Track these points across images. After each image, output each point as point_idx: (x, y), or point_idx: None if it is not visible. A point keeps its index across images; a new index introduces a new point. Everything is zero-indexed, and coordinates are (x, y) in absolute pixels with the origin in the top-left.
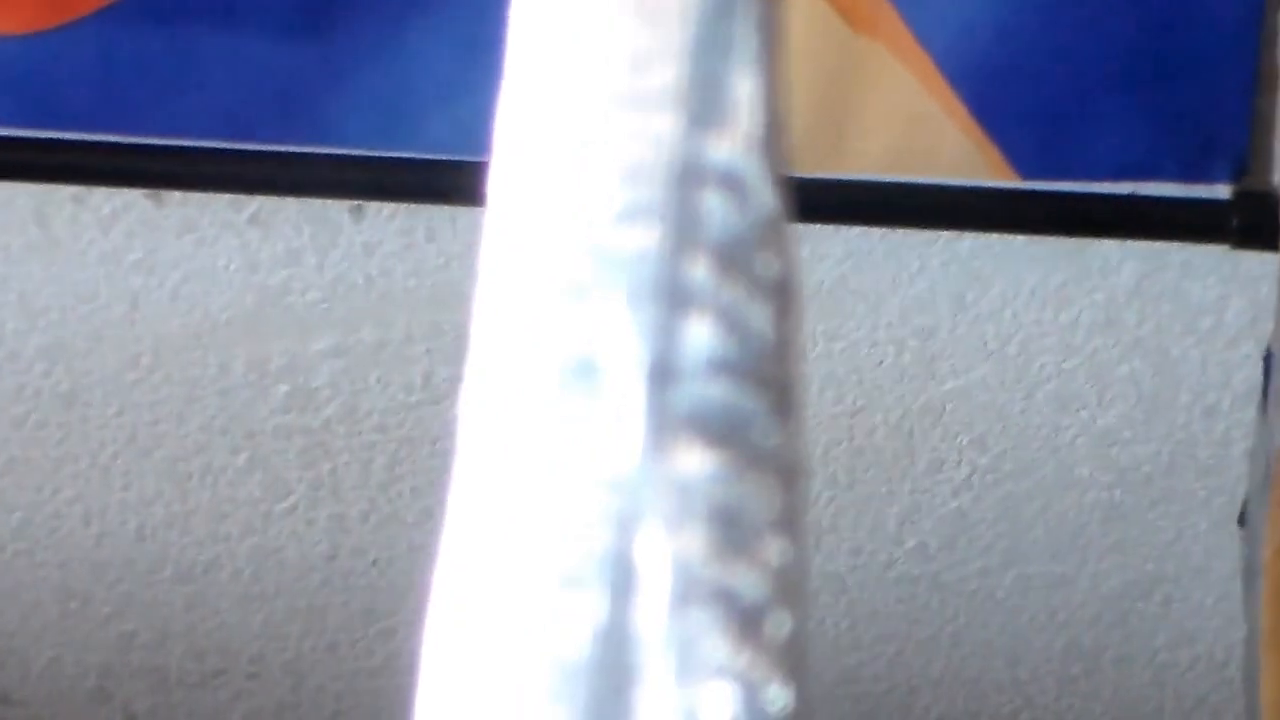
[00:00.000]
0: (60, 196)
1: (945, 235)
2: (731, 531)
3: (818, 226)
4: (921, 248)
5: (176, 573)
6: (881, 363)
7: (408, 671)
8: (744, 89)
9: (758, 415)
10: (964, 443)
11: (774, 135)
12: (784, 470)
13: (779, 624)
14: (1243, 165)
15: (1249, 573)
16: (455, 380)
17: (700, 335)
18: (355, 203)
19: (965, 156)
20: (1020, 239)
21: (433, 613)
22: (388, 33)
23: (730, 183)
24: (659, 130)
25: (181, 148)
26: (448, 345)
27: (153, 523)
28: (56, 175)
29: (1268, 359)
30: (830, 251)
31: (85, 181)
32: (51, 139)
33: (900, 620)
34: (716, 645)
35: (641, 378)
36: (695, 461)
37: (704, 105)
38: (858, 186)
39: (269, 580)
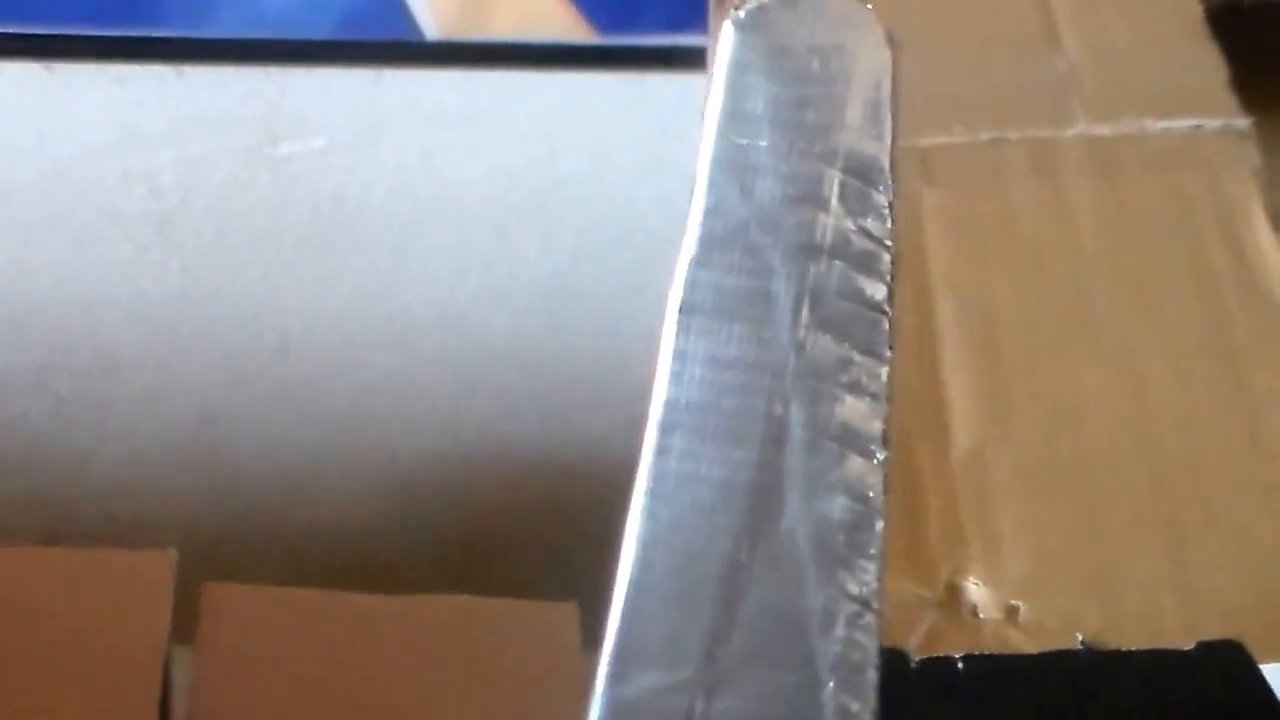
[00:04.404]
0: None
1: (561, 73)
2: (845, 403)
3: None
4: (543, 80)
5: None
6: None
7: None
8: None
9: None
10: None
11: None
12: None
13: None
14: None
15: None
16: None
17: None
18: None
19: (565, 24)
20: (600, 74)
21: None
22: None
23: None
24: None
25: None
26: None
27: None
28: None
29: None
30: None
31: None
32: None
33: None
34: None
35: (790, 306)
36: (825, 349)
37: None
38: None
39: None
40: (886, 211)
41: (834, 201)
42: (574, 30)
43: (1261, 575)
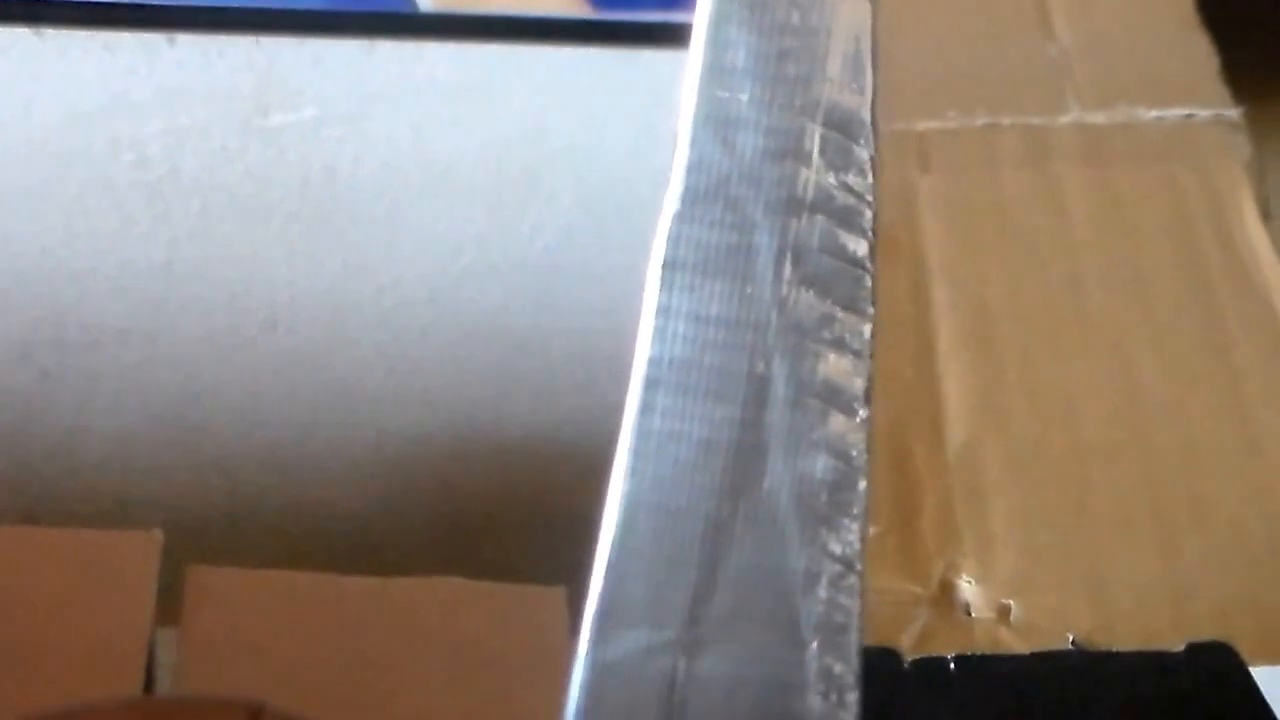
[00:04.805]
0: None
1: (556, 48)
2: (827, 360)
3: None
4: (537, 55)
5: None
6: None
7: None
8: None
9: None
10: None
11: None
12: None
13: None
14: None
15: None
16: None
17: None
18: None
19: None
20: (595, 49)
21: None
22: None
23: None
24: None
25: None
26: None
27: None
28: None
29: None
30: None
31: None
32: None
33: None
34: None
35: (772, 261)
36: (807, 306)
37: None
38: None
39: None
40: (868, 166)
41: (815, 155)
42: (569, 4)
43: (1252, 575)
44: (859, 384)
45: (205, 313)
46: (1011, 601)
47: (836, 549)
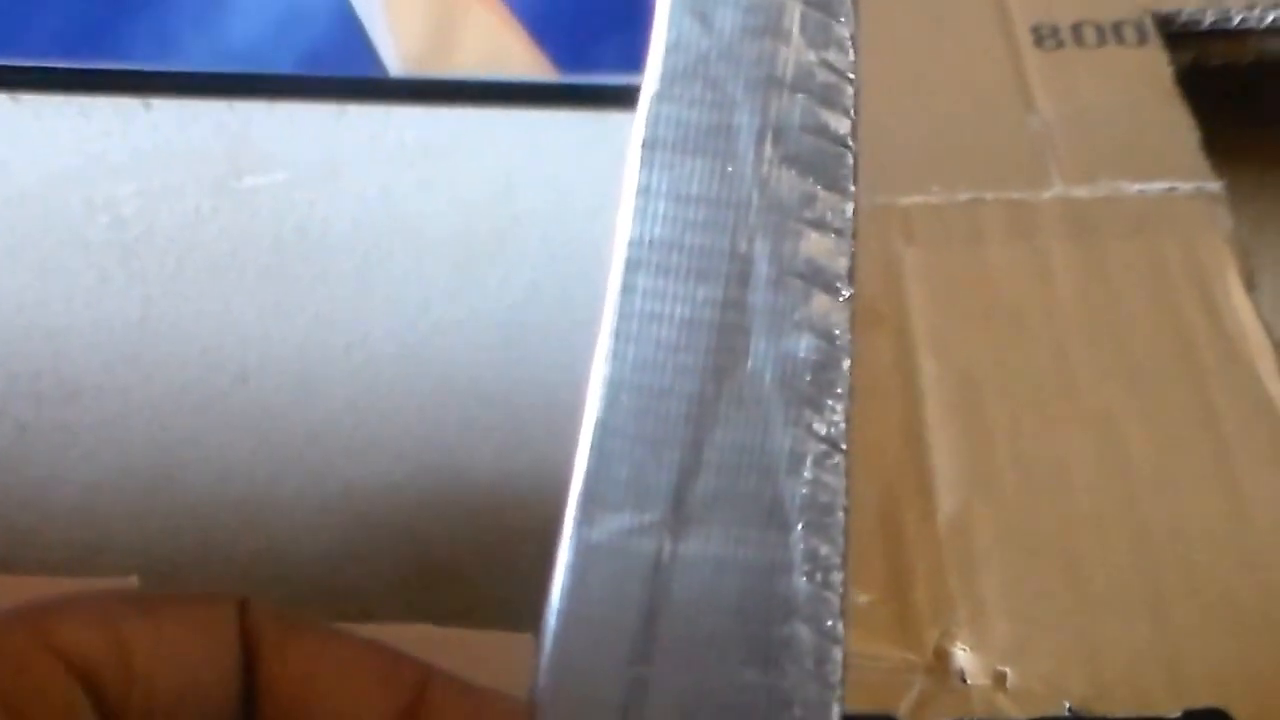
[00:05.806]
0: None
1: (522, 110)
2: (810, 239)
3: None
4: (504, 117)
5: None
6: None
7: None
8: None
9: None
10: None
11: None
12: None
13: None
14: None
15: None
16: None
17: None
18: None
19: (527, 62)
20: (561, 112)
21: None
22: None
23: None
24: None
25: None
26: (209, 174)
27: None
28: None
29: None
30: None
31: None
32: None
33: None
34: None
35: (753, 140)
36: (789, 185)
37: None
38: (469, 83)
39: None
40: (849, 43)
41: (795, 33)
42: (535, 68)
43: (1246, 643)
44: (841, 263)
45: (179, 367)
46: (1007, 669)
47: (821, 429)
